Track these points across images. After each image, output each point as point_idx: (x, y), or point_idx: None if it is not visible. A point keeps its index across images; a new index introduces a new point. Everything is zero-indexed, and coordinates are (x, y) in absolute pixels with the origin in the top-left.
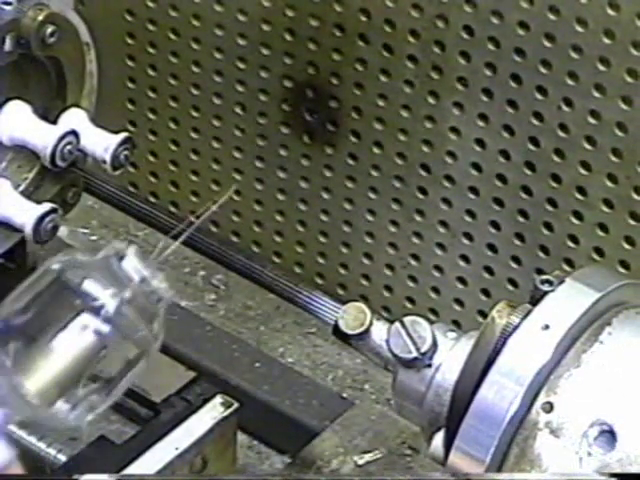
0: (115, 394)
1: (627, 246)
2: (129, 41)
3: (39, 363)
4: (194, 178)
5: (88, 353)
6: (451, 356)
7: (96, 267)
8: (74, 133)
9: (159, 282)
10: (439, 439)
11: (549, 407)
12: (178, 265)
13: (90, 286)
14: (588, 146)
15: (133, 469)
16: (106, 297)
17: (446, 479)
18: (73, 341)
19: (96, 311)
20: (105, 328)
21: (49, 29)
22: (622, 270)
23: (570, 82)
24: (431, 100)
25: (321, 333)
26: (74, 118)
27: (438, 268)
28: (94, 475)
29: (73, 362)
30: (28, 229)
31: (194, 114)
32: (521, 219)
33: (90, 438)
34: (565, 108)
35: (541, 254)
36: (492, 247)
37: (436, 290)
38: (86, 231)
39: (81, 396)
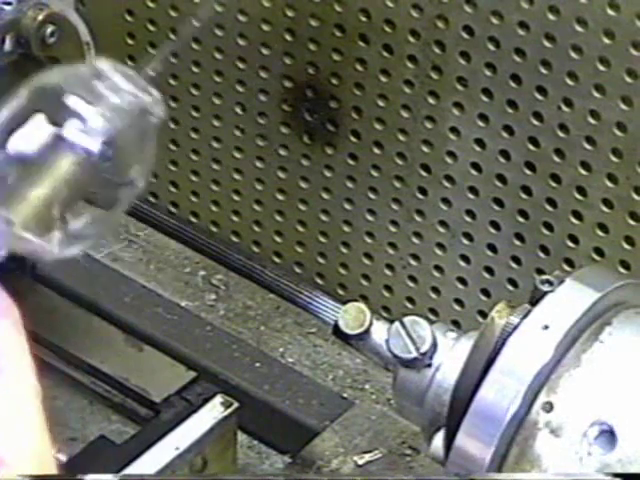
0: (114, 219)
1: (627, 246)
2: (129, 41)
3: (23, 191)
4: (194, 178)
5: (75, 173)
6: (451, 356)
7: (75, 83)
8: None
9: (151, 98)
10: (439, 439)
11: (549, 407)
12: (178, 265)
13: (74, 103)
14: (588, 146)
15: (133, 469)
16: (90, 111)
17: (451, 479)
18: (57, 159)
19: (80, 127)
20: (93, 144)
21: (49, 29)
22: (622, 270)
23: (570, 82)
24: (431, 100)
25: (321, 333)
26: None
27: (438, 268)
28: (96, 475)
29: (59, 186)
30: None
31: (194, 114)
32: (521, 219)
33: (90, 438)
34: (565, 108)
35: (541, 254)
36: (492, 247)
37: (436, 290)
38: None
39: (71, 225)
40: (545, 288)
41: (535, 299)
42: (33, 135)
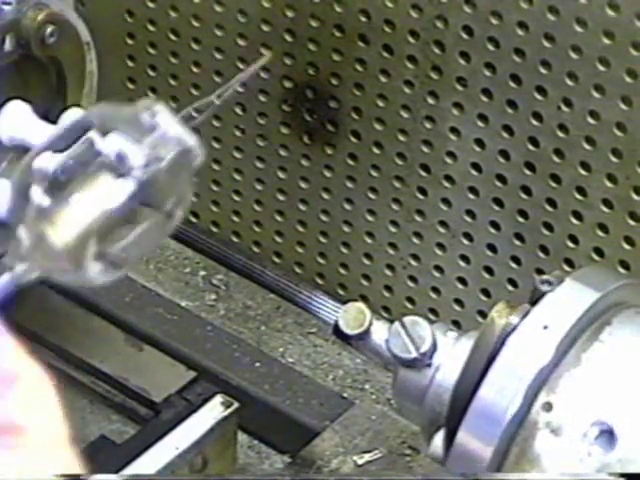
0: (140, 252)
1: (627, 246)
2: (129, 41)
3: (65, 216)
4: (194, 178)
5: (115, 210)
6: (451, 356)
7: (125, 121)
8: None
9: (193, 140)
10: (439, 439)
11: (549, 407)
12: (178, 265)
13: (117, 140)
14: (588, 146)
15: (133, 469)
16: (136, 153)
17: (455, 479)
18: (100, 196)
19: (125, 167)
20: (132, 186)
21: (49, 29)
22: (622, 270)
23: (570, 82)
24: (431, 100)
25: (321, 333)
26: (74, 118)
27: (438, 268)
28: (100, 475)
29: (100, 218)
30: None
31: (194, 114)
32: (521, 219)
33: (90, 438)
34: (565, 108)
35: (541, 254)
36: (492, 247)
37: (436, 290)
38: None
39: (110, 254)
40: (545, 288)
41: (535, 299)
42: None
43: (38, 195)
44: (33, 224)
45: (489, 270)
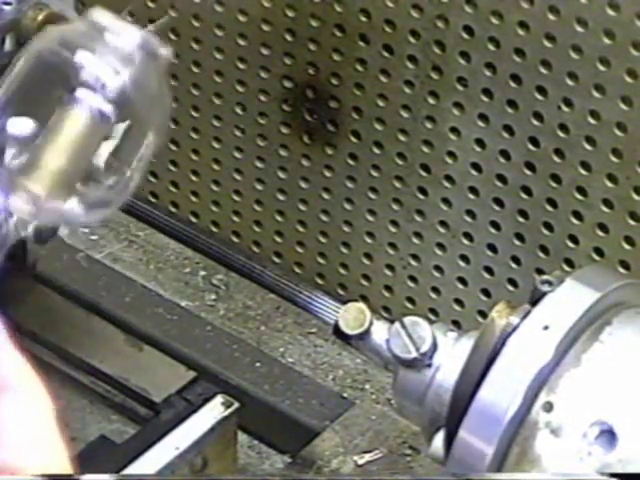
0: (130, 185)
1: (627, 246)
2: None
3: (39, 158)
4: (194, 178)
5: (91, 137)
6: (451, 356)
7: (86, 37)
8: None
9: (156, 42)
10: (439, 439)
11: (549, 407)
12: (178, 265)
13: (84, 58)
14: (588, 146)
15: (133, 469)
16: (105, 69)
17: (451, 479)
18: (73, 123)
19: (95, 87)
20: (107, 106)
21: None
22: (622, 270)
23: (570, 82)
24: (431, 100)
25: (321, 333)
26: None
27: (438, 268)
28: (95, 475)
29: (76, 149)
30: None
31: (194, 114)
32: (521, 219)
33: (90, 438)
34: (565, 108)
35: (541, 254)
36: (492, 247)
37: (436, 290)
38: (86, 231)
39: (93, 191)
40: (545, 288)
41: (535, 299)
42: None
43: (16, 126)
44: (15, 174)
45: (489, 270)
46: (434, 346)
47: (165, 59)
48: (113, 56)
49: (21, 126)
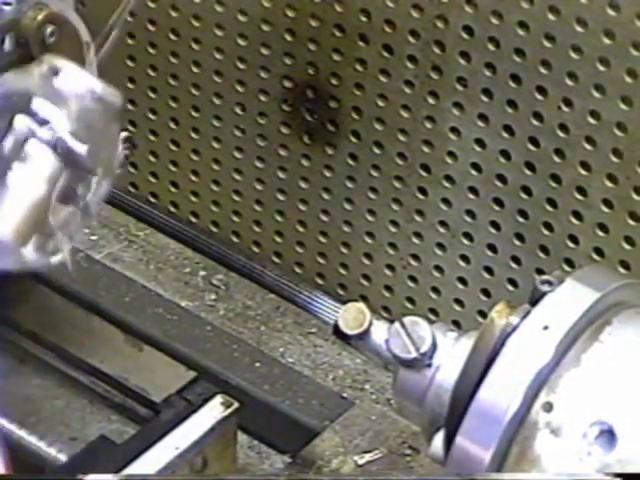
0: (89, 214)
1: (627, 246)
2: (129, 41)
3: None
4: (194, 178)
5: (50, 179)
6: (451, 356)
7: (36, 87)
8: None
9: (105, 88)
10: (439, 439)
11: (549, 407)
12: (178, 265)
13: (38, 106)
14: (588, 146)
15: (133, 469)
16: (56, 114)
17: (451, 479)
18: (30, 168)
19: (47, 131)
20: (62, 146)
21: (49, 29)
22: (622, 270)
23: (570, 82)
24: (431, 100)
25: (321, 333)
26: None
27: (438, 268)
28: (98, 475)
29: (36, 191)
30: None
31: (194, 114)
32: (521, 219)
33: (90, 438)
34: (565, 108)
35: (541, 254)
36: (492, 247)
37: (436, 290)
38: (86, 231)
39: (55, 226)
40: (545, 288)
41: (535, 299)
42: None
43: None
44: None
45: (489, 270)
46: (434, 346)
47: (115, 105)
48: (60, 102)
49: None
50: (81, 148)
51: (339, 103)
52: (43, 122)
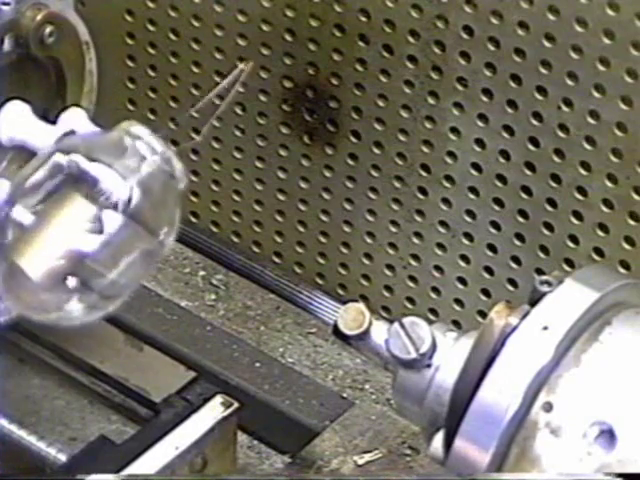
0: (134, 281)
1: (627, 246)
2: (129, 41)
3: (38, 245)
4: (194, 178)
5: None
6: (451, 356)
7: (106, 148)
8: (74, 133)
9: (177, 163)
10: (439, 439)
11: (549, 407)
12: (178, 265)
13: (99, 171)
14: (588, 146)
15: (133, 469)
16: (119, 183)
17: (451, 479)
18: (81, 232)
19: (106, 199)
20: (116, 218)
21: (48, 29)
22: (622, 270)
23: (570, 82)
24: (431, 100)
25: (321, 333)
26: (74, 118)
27: (438, 268)
28: (99, 475)
29: (74, 250)
30: None
31: (194, 114)
32: (521, 219)
33: (90, 438)
34: (565, 108)
35: (541, 254)
36: (492, 247)
37: (436, 290)
38: None
39: (96, 288)
40: (544, 289)
41: (534, 300)
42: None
43: (20, 214)
44: (9, 254)
45: (489, 270)
46: (433, 346)
47: (181, 182)
48: (129, 172)
49: (25, 215)
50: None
51: (339, 103)
52: (103, 190)
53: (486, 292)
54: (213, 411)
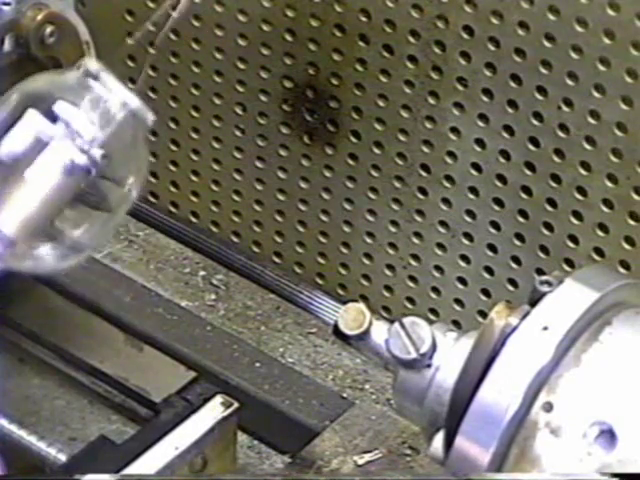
0: (105, 233)
1: (627, 246)
2: (129, 41)
3: (14, 199)
4: (194, 178)
5: (64, 188)
6: (451, 356)
7: (68, 88)
8: None
9: (139, 102)
10: (439, 439)
11: (549, 407)
12: (178, 265)
13: (63, 109)
14: (588, 146)
15: (133, 469)
16: (83, 122)
17: (448, 479)
18: (49, 173)
19: (72, 139)
20: (81, 157)
21: (48, 29)
22: (622, 270)
23: (570, 82)
24: (431, 100)
25: (321, 333)
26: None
27: (438, 268)
28: (95, 475)
29: (51, 195)
30: None
31: (194, 114)
32: (521, 219)
33: (90, 438)
34: (565, 108)
35: (541, 254)
36: (492, 247)
37: (436, 290)
38: None
39: (65, 234)
40: (544, 289)
41: (534, 300)
42: (24, 133)
43: None
44: None
45: (489, 270)
46: (434, 346)
47: (147, 122)
48: (95, 110)
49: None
50: (102, 156)
51: (339, 103)
52: (64, 126)
53: (486, 292)
54: (213, 411)
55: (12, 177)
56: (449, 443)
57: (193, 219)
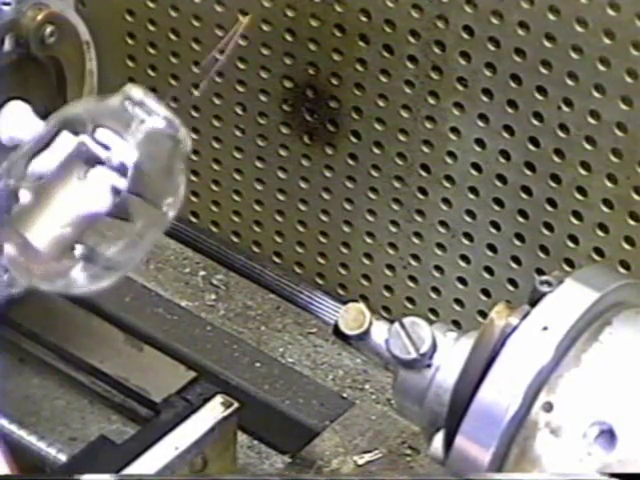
0: (139, 253)
1: (627, 246)
2: (129, 41)
3: (45, 216)
4: (194, 178)
5: (100, 206)
6: (451, 356)
7: (108, 113)
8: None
9: (180, 127)
10: (439, 439)
11: (549, 407)
12: (178, 265)
13: (103, 135)
14: (588, 146)
15: (133, 469)
16: (122, 147)
17: (447, 479)
18: (83, 195)
19: (111, 163)
20: (121, 182)
21: (48, 29)
22: (622, 270)
23: (570, 82)
24: (431, 100)
25: (321, 333)
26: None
27: (438, 268)
28: (95, 475)
29: (81, 218)
30: None
31: (194, 114)
32: (521, 219)
33: (90, 438)
34: (565, 108)
35: (541, 254)
36: (492, 247)
37: (436, 290)
38: None
39: (102, 257)
40: (544, 289)
41: (534, 300)
42: (58, 153)
43: (25, 196)
44: (15, 226)
45: (489, 270)
46: (434, 346)
47: (185, 146)
48: (133, 135)
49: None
50: (146, 178)
51: (339, 103)
52: (106, 148)
53: (486, 292)
54: (213, 411)
55: (45, 195)
56: (449, 443)
57: (193, 219)
